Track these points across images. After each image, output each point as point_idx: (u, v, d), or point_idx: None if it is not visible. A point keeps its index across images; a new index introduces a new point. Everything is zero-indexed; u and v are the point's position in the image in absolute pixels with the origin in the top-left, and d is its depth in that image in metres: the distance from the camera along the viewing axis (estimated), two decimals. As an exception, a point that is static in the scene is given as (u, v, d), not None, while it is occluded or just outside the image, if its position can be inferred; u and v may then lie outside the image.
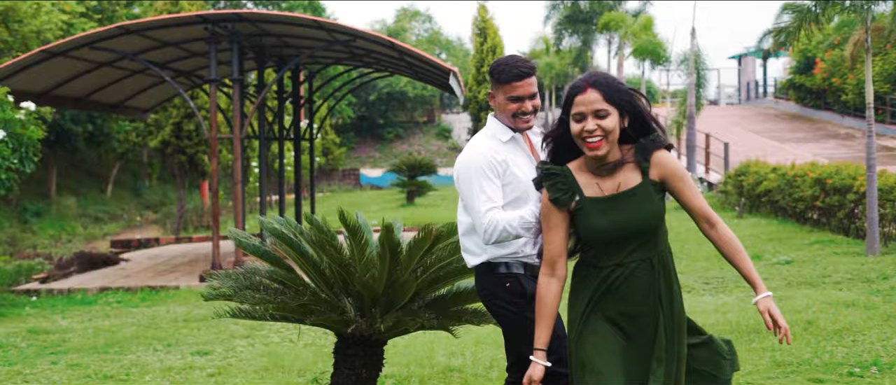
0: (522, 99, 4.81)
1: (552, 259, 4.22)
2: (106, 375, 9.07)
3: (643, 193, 4.09)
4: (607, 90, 4.02)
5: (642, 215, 4.08)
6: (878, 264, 13.81)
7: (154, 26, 17.76)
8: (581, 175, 4.16)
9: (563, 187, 4.15)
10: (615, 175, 4.12)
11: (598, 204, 4.11)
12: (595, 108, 4.00)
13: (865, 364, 8.01)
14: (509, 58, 5.03)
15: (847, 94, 39.41)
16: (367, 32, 18.41)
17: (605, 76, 4.10)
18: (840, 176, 18.20)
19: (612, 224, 4.08)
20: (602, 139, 4.02)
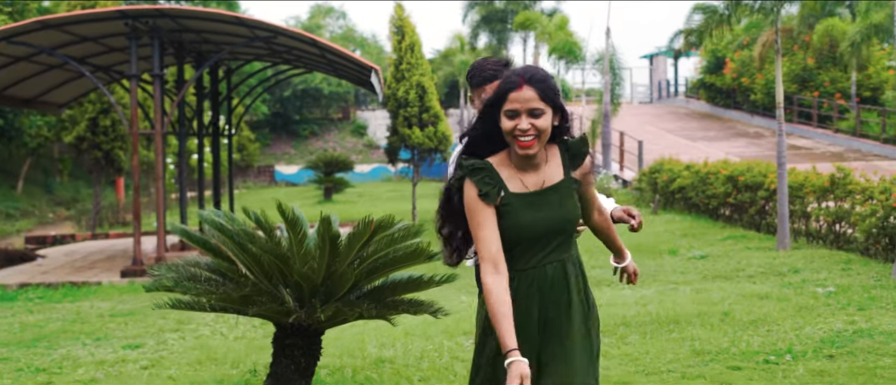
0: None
1: (493, 258, 3.88)
2: (38, 369, 9.09)
3: (565, 190, 3.96)
4: (543, 89, 3.84)
5: (566, 212, 3.94)
6: (789, 258, 14.30)
7: (74, 21, 17.64)
8: (503, 170, 3.96)
9: (490, 181, 3.91)
10: (539, 171, 3.96)
11: (523, 199, 3.92)
12: (530, 107, 3.82)
13: (780, 352, 8.38)
14: (481, 61, 5.11)
15: (756, 94, 40.38)
16: (288, 29, 18.48)
17: (540, 74, 3.91)
18: (751, 173, 18.75)
19: (539, 220, 3.91)
20: (534, 138, 3.85)
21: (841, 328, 9.21)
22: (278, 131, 61.41)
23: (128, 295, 14.85)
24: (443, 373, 8.18)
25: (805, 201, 16.53)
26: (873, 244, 14.14)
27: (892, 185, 14.09)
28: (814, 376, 7.50)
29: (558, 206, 3.93)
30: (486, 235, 3.88)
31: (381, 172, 53.43)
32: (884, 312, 9.90)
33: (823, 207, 16.02)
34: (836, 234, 15.64)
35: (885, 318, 9.55)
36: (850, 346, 8.47)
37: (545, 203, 3.92)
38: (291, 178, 54.14)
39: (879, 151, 30.96)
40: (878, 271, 12.65)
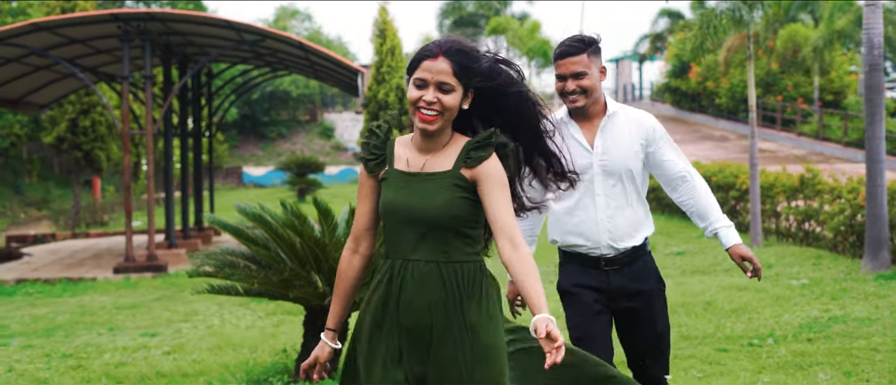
0: (564, 77, 4.71)
1: (357, 233, 3.80)
2: (64, 355, 9.61)
3: (444, 182, 3.63)
4: (460, 64, 3.57)
5: (432, 204, 3.60)
6: (762, 254, 15.02)
7: (66, 24, 18.10)
8: (402, 146, 3.73)
9: (374, 152, 3.75)
10: (431, 154, 3.68)
11: (399, 177, 3.68)
12: (440, 80, 3.55)
13: (762, 336, 9.06)
14: (565, 38, 4.89)
15: (721, 98, 41.22)
16: (276, 32, 19.03)
17: (463, 47, 3.64)
18: (723, 174, 19.50)
19: (399, 203, 3.64)
20: (438, 115, 3.56)
21: (817, 315, 9.91)
22: (246, 133, 61.73)
23: (125, 290, 15.35)
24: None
25: (775, 201, 17.29)
26: (841, 241, 14.87)
27: (859, 184, 14.82)
28: (795, 357, 8.16)
29: (425, 196, 3.62)
30: (360, 209, 3.79)
31: (349, 174, 53.92)
32: (855, 302, 10.61)
33: (793, 207, 16.77)
34: (806, 232, 16.38)
35: (856, 307, 10.25)
36: (827, 331, 9.15)
37: (415, 188, 3.64)
38: (259, 180, 54.44)
39: (841, 154, 31.84)
40: (847, 266, 13.38)
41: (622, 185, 4.81)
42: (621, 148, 4.80)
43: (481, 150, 3.63)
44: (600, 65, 4.80)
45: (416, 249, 3.61)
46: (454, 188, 3.61)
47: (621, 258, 4.86)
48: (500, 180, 3.62)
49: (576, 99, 4.72)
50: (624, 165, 4.79)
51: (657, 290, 4.93)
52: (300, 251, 7.13)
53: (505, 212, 3.59)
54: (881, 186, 12.72)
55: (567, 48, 4.72)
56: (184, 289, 14.97)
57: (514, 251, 3.55)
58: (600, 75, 4.78)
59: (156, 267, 17.62)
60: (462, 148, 3.66)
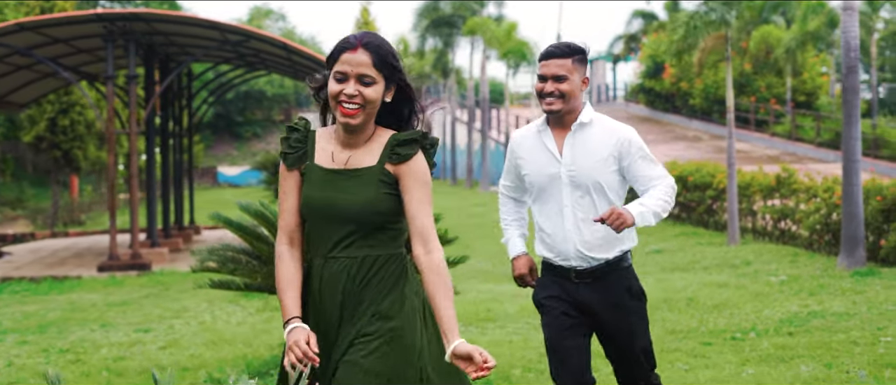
0: (545, 78, 4.73)
1: (288, 229, 3.67)
2: (61, 350, 9.78)
3: (368, 178, 3.55)
4: (379, 56, 3.49)
5: (356, 200, 3.52)
6: (740, 252, 15.34)
7: (51, 24, 18.22)
8: (324, 140, 3.64)
9: (294, 146, 3.64)
10: (355, 149, 3.60)
11: (321, 173, 3.59)
12: (360, 72, 3.47)
13: (745, 330, 9.34)
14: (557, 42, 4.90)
15: (695, 98, 41.63)
16: (259, 32, 19.23)
17: (381, 41, 3.58)
18: (700, 174, 19.82)
19: (323, 200, 3.55)
20: (359, 108, 3.49)
21: (796, 310, 10.21)
22: (220, 133, 61.76)
23: (112, 287, 15.49)
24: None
25: (752, 200, 17.62)
26: (817, 239, 15.22)
27: (834, 184, 15.15)
28: (777, 349, 8.44)
29: (349, 192, 3.54)
30: (284, 205, 3.67)
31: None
32: (833, 297, 10.92)
33: (769, 206, 17.10)
34: (782, 231, 16.71)
35: (834, 302, 10.56)
36: (807, 325, 9.45)
37: (338, 184, 3.56)
38: (234, 180, 54.49)
39: (814, 154, 32.26)
40: (823, 263, 13.71)
41: (591, 197, 4.75)
42: (590, 159, 4.74)
43: (408, 147, 3.56)
44: (584, 74, 4.79)
45: (337, 245, 3.54)
46: (379, 184, 3.54)
47: (593, 271, 4.79)
48: (424, 179, 3.56)
49: (552, 102, 4.71)
50: (592, 177, 4.73)
51: (633, 307, 4.84)
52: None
53: (422, 212, 3.52)
54: (857, 186, 13.05)
55: (553, 50, 4.75)
56: (170, 287, 15.15)
57: (426, 255, 3.47)
58: (582, 85, 4.75)
59: (140, 265, 17.76)
60: (387, 143, 3.57)
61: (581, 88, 4.75)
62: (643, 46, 48.53)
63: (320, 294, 3.56)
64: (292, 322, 3.50)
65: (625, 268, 4.83)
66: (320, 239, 3.57)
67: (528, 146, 4.90)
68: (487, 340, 9.43)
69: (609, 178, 4.73)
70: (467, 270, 14.57)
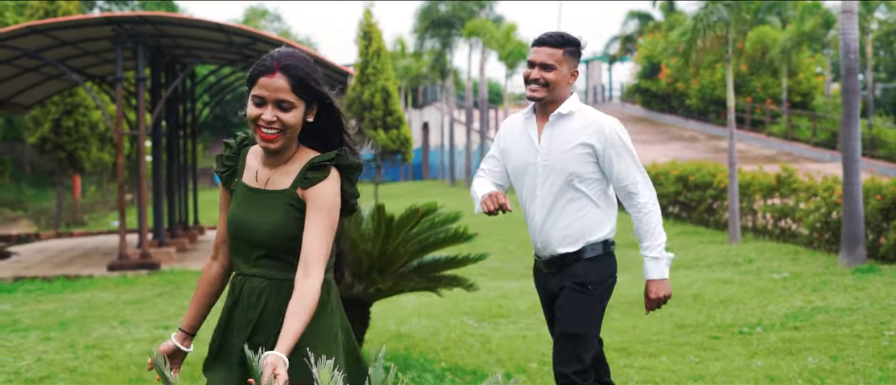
0: (533, 65, 4.75)
1: (217, 243, 3.75)
2: (86, 346, 10.02)
3: (280, 202, 3.52)
4: (298, 80, 3.42)
5: (264, 222, 3.49)
6: (743, 250, 15.64)
7: (61, 26, 18.44)
8: (255, 157, 3.62)
9: (226, 164, 3.67)
10: (275, 169, 3.56)
11: (244, 192, 3.58)
12: (278, 98, 3.40)
13: (751, 325, 9.63)
14: None
15: (691, 99, 41.95)
16: (265, 34, 19.47)
17: (300, 62, 3.47)
18: (701, 173, 20.12)
19: (237, 219, 3.56)
20: (278, 133, 3.43)
21: (801, 306, 10.50)
22: (218, 134, 61.95)
23: (124, 286, 15.72)
24: (459, 344, 9.28)
25: (752, 199, 17.92)
26: (817, 237, 15.51)
27: (834, 183, 15.45)
28: (784, 343, 8.73)
29: (261, 214, 3.52)
30: (219, 219, 3.74)
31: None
32: (835, 293, 11.21)
33: (769, 204, 17.39)
34: (782, 229, 17.00)
35: (837, 298, 10.85)
36: (811, 319, 9.74)
37: (254, 204, 3.55)
38: (231, 180, 54.68)
39: (810, 154, 32.58)
40: (824, 261, 14.00)
41: (571, 186, 4.76)
42: (565, 148, 4.74)
43: (318, 172, 3.48)
44: (574, 67, 4.79)
45: (255, 265, 3.52)
46: (288, 208, 3.49)
47: (558, 261, 4.83)
48: (325, 205, 3.45)
49: (536, 89, 4.73)
50: (565, 167, 4.73)
51: (573, 291, 4.78)
52: (326, 244, 7.60)
53: (312, 237, 3.41)
54: (857, 185, 13.33)
55: (546, 38, 4.74)
56: (182, 285, 15.39)
57: (304, 279, 3.36)
58: (571, 77, 4.76)
59: (149, 264, 18.00)
60: (303, 166, 3.52)
61: (569, 80, 4.77)
62: (639, 47, 48.85)
63: (235, 309, 3.56)
64: (176, 333, 3.76)
65: (589, 258, 4.79)
66: (238, 257, 3.57)
67: (515, 133, 4.95)
68: (501, 336, 9.70)
69: (585, 168, 4.73)
70: (476, 268, 14.84)
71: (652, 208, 4.80)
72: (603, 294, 4.85)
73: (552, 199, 4.79)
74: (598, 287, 4.81)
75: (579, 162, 4.72)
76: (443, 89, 48.41)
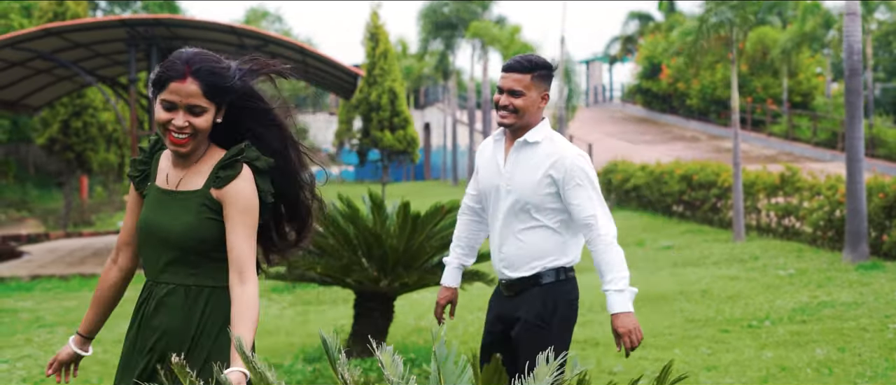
0: (501, 91, 4.70)
1: (118, 245, 3.67)
2: (114, 341, 10.32)
3: (192, 203, 3.42)
4: (209, 84, 3.32)
5: (176, 224, 3.39)
6: (747, 248, 15.94)
7: (76, 29, 18.73)
8: (167, 160, 3.53)
9: (140, 169, 3.57)
10: (186, 170, 3.47)
11: (156, 194, 3.49)
12: (190, 103, 3.31)
13: (760, 319, 9.94)
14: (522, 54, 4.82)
15: (692, 99, 42.24)
16: (277, 37, 19.77)
17: (211, 64, 3.36)
18: (705, 173, 20.44)
19: (150, 222, 3.45)
20: (190, 137, 3.35)
21: (807, 301, 10.81)
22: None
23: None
24: (476, 337, 9.57)
25: (756, 198, 18.24)
26: (821, 235, 15.81)
27: (837, 182, 15.75)
28: (793, 336, 9.03)
29: (173, 216, 3.41)
30: (125, 222, 3.66)
31: (322, 175, 54.45)
32: (840, 289, 11.52)
33: (773, 203, 17.71)
34: (786, 228, 17.31)
35: (842, 293, 11.16)
36: (818, 313, 10.05)
37: (165, 206, 3.45)
38: (233, 181, 54.93)
39: (811, 154, 32.88)
40: (828, 258, 14.30)
41: (527, 214, 4.71)
42: (526, 176, 4.69)
43: (229, 169, 3.40)
44: (544, 91, 4.73)
45: (164, 270, 3.44)
46: (202, 209, 3.40)
47: (516, 285, 4.77)
48: (243, 205, 3.38)
49: (505, 115, 4.68)
50: (525, 195, 4.68)
51: (535, 326, 4.67)
52: (354, 239, 7.91)
53: (240, 240, 3.36)
54: (860, 184, 13.64)
55: (513, 63, 4.69)
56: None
57: (239, 286, 3.33)
58: (541, 101, 4.71)
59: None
60: (214, 165, 3.44)
61: (539, 104, 4.71)
62: (640, 48, 49.15)
63: (144, 316, 3.48)
64: (73, 338, 3.70)
65: (548, 284, 4.71)
66: (148, 261, 3.48)
67: (486, 155, 4.93)
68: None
69: (542, 198, 4.68)
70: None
71: (611, 242, 4.65)
72: (563, 328, 4.72)
73: (511, 223, 4.75)
74: (557, 320, 4.68)
75: (539, 191, 4.67)
76: (445, 90, 48.71)
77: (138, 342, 3.49)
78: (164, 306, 3.42)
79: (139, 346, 3.48)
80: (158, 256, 3.43)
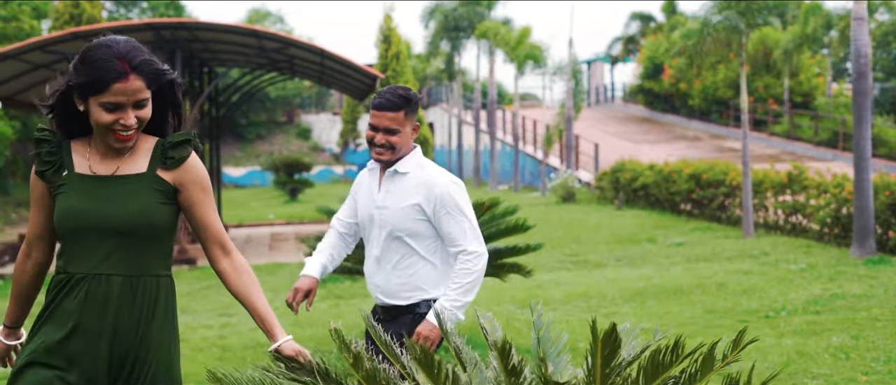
0: (375, 129, 4.78)
1: (30, 239, 3.48)
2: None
3: (140, 186, 3.33)
4: (150, 75, 3.24)
5: (127, 209, 3.29)
6: (757, 244, 16.49)
7: (103, 32, 19.21)
8: (80, 146, 3.39)
9: (48, 159, 3.37)
10: (119, 157, 3.37)
11: (83, 182, 3.33)
12: (138, 99, 3.22)
13: (776, 310, 10.48)
14: (388, 87, 4.88)
15: (694, 99, 42.77)
16: (297, 40, 20.31)
17: (144, 56, 3.26)
18: (713, 171, 21.01)
19: (90, 210, 3.28)
20: (136, 131, 3.29)
21: (819, 293, 11.35)
22: (224, 134, 62.62)
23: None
24: (507, 328, 10.05)
25: (764, 196, 18.81)
26: (828, 232, 16.36)
27: (843, 180, 16.30)
28: (809, 325, 9.57)
29: (119, 201, 3.30)
30: (33, 215, 3.47)
31: (327, 174, 55.02)
32: (851, 282, 12.07)
33: (781, 201, 18.28)
34: (793, 225, 17.86)
35: (853, 286, 11.71)
36: (831, 305, 10.59)
37: (106, 193, 3.32)
38: (239, 181, 55.31)
39: (813, 153, 33.39)
40: (836, 254, 14.85)
41: (402, 243, 4.80)
42: (398, 205, 4.79)
43: (181, 149, 3.37)
44: (414, 122, 4.85)
45: (104, 261, 3.29)
46: (153, 192, 3.33)
47: (391, 311, 4.86)
48: (204, 184, 3.41)
49: (382, 152, 4.76)
50: (397, 223, 4.79)
51: None
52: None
53: (213, 217, 3.43)
54: (867, 181, 14.18)
55: (385, 102, 4.73)
56: (225, 279, 16.18)
57: (227, 258, 3.44)
58: (412, 132, 4.82)
59: (187, 260, 18.84)
60: (154, 147, 3.39)
61: (411, 136, 4.83)
62: (642, 48, 49.67)
63: (80, 314, 3.28)
64: (1, 331, 3.58)
65: (422, 314, 4.78)
66: (83, 253, 3.30)
67: (364, 184, 5.03)
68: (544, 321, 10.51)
69: (414, 226, 4.78)
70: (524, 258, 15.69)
71: (472, 270, 4.74)
72: None
73: (387, 254, 4.84)
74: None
75: (410, 220, 4.78)
76: (449, 90, 49.21)
77: (74, 346, 3.28)
78: (110, 301, 3.28)
79: (80, 351, 3.28)
80: (98, 245, 3.28)
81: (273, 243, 22.20)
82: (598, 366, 2.96)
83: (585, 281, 13.40)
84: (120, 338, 3.28)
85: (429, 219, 4.76)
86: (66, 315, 3.28)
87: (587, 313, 10.75)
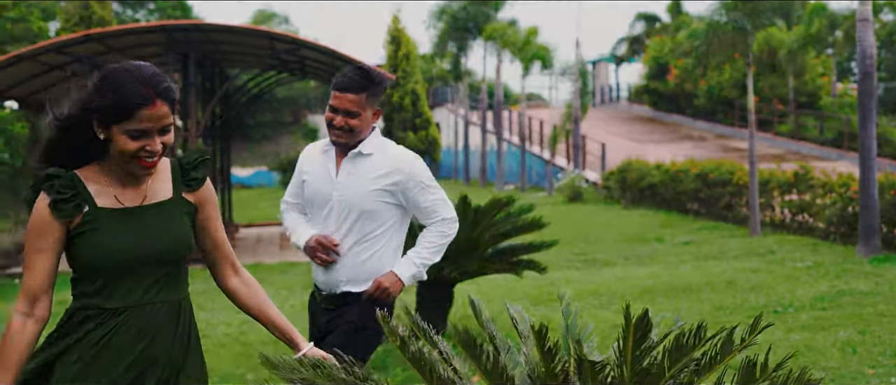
0: (335, 110, 4.63)
1: (35, 293, 3.16)
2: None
3: (173, 210, 3.30)
4: (172, 100, 3.15)
5: (172, 236, 3.25)
6: (764, 242, 16.72)
7: (116, 34, 19.54)
8: (91, 183, 3.21)
9: (64, 192, 3.15)
10: (140, 185, 3.27)
11: (115, 216, 3.20)
12: (164, 124, 3.13)
13: (784, 306, 10.71)
14: (351, 66, 4.74)
15: (699, 99, 42.97)
16: (309, 41, 20.53)
17: (165, 81, 3.17)
18: (719, 171, 21.25)
19: (134, 243, 3.18)
20: (161, 156, 3.20)
21: (826, 290, 11.58)
22: (231, 135, 62.87)
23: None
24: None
25: (771, 195, 19.04)
26: (833, 231, 16.59)
27: (849, 180, 16.53)
28: (817, 321, 9.80)
29: (161, 231, 3.24)
30: (38, 264, 3.16)
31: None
32: (857, 279, 12.30)
33: (787, 200, 18.52)
34: (800, 223, 18.09)
35: (859, 283, 11.93)
36: (838, 301, 10.82)
37: (144, 224, 3.23)
38: (246, 181, 55.46)
39: (818, 153, 33.59)
40: (842, 251, 15.08)
41: (360, 225, 4.69)
42: (362, 187, 4.67)
43: (200, 170, 3.38)
44: (375, 106, 4.72)
45: (148, 291, 3.23)
46: (183, 216, 3.32)
47: (339, 299, 4.76)
48: (215, 201, 3.43)
49: (340, 135, 4.63)
50: (359, 205, 4.66)
51: (352, 330, 4.63)
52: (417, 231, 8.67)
53: (224, 235, 3.46)
54: (873, 180, 14.41)
55: (348, 83, 4.60)
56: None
57: (237, 276, 3.49)
58: (373, 117, 4.70)
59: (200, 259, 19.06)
60: (172, 169, 3.35)
61: (372, 120, 4.72)
62: (647, 48, 49.86)
63: (135, 347, 3.20)
64: None
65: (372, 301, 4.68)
66: (126, 287, 3.19)
67: (315, 164, 4.88)
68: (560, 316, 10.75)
69: (379, 208, 4.69)
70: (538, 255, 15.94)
71: (447, 232, 4.86)
72: (380, 332, 4.38)
73: (344, 236, 4.72)
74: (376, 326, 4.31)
75: (376, 201, 4.68)
76: (455, 91, 49.40)
77: (133, 381, 3.21)
78: (159, 330, 3.24)
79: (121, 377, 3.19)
80: (141, 279, 3.20)
81: (283, 243, 22.44)
82: (629, 347, 3.18)
83: (595, 279, 13.63)
84: (171, 364, 3.26)
85: (396, 199, 4.71)
86: (117, 353, 3.18)
87: (599, 310, 10.99)
